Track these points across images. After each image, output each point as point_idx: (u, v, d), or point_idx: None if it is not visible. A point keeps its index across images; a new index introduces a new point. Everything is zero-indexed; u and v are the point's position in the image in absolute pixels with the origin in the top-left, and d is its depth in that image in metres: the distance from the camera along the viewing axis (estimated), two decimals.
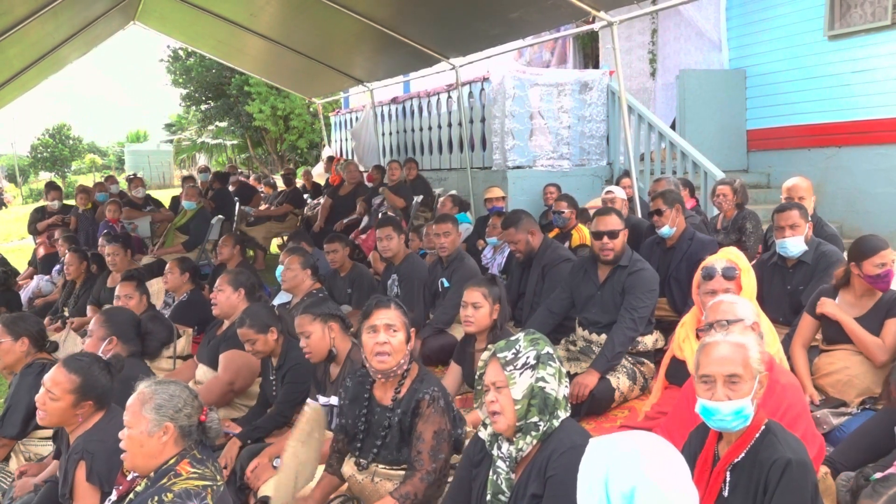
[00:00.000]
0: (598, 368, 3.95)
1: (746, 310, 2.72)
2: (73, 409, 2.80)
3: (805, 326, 3.68)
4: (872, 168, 8.00)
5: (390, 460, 2.74)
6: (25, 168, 44.06)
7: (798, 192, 4.92)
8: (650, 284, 4.14)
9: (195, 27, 9.90)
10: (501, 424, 2.21)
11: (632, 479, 1.66)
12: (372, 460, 2.75)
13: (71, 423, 2.84)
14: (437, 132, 9.98)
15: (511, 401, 2.19)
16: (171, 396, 2.36)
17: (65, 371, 2.82)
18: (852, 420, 3.31)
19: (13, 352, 3.80)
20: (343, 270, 5.66)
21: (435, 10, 7.11)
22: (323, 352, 3.35)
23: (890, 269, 3.42)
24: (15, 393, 3.73)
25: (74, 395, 2.79)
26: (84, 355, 3.01)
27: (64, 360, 2.90)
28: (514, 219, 5.00)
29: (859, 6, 8.01)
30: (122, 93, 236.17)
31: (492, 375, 2.24)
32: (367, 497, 2.75)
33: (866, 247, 3.46)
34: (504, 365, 2.21)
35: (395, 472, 2.71)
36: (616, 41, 6.06)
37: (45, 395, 2.81)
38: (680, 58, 10.01)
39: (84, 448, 2.70)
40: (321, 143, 17.14)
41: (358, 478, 2.76)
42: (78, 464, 2.67)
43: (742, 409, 2.12)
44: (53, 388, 2.79)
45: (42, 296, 7.89)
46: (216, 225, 8.50)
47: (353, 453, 2.83)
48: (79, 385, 2.80)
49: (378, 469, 2.74)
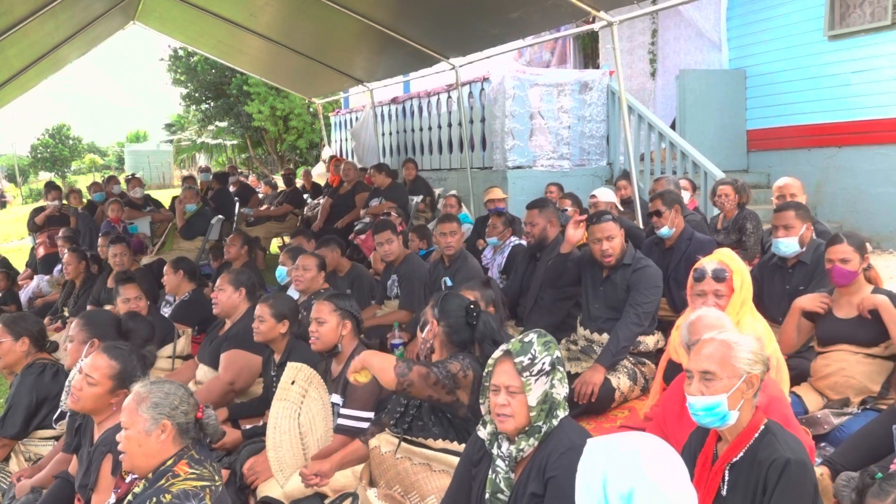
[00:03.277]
0: (603, 363, 3.95)
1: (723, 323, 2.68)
2: (109, 395, 2.81)
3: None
4: (872, 168, 8.00)
5: (418, 434, 2.78)
6: (25, 168, 44.05)
7: (789, 191, 4.95)
8: (654, 281, 4.15)
9: (195, 27, 9.90)
10: (509, 426, 2.21)
11: (630, 480, 1.66)
12: (405, 431, 2.80)
13: (103, 411, 2.84)
14: (437, 132, 9.98)
15: (525, 406, 2.18)
16: (166, 394, 2.37)
17: (106, 357, 2.84)
18: (853, 420, 3.31)
19: (14, 352, 3.80)
20: (341, 271, 5.66)
21: (435, 10, 7.11)
22: (329, 344, 3.41)
23: (836, 265, 3.44)
24: (16, 393, 3.73)
25: (113, 382, 2.81)
26: (122, 344, 3.03)
27: (104, 347, 2.93)
28: (541, 203, 5.00)
29: (859, 6, 8.01)
30: (121, 93, 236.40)
31: (505, 378, 2.20)
32: (383, 472, 2.79)
33: (828, 242, 3.55)
34: (521, 371, 2.19)
35: (418, 449, 2.75)
36: (616, 41, 6.06)
37: (82, 380, 2.81)
38: (680, 58, 10.01)
39: (112, 441, 2.68)
40: (321, 144, 17.14)
41: (382, 450, 2.80)
42: (105, 456, 2.68)
43: (714, 406, 2.13)
44: (93, 372, 2.80)
45: (42, 296, 7.89)
46: (216, 225, 8.51)
47: (391, 422, 2.88)
48: (118, 371, 2.82)
49: (403, 445, 2.78)
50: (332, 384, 3.41)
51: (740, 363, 2.16)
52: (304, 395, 2.97)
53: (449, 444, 2.74)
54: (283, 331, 3.73)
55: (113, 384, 2.81)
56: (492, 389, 2.25)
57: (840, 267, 3.44)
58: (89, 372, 2.81)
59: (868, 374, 3.43)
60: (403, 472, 2.73)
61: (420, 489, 2.70)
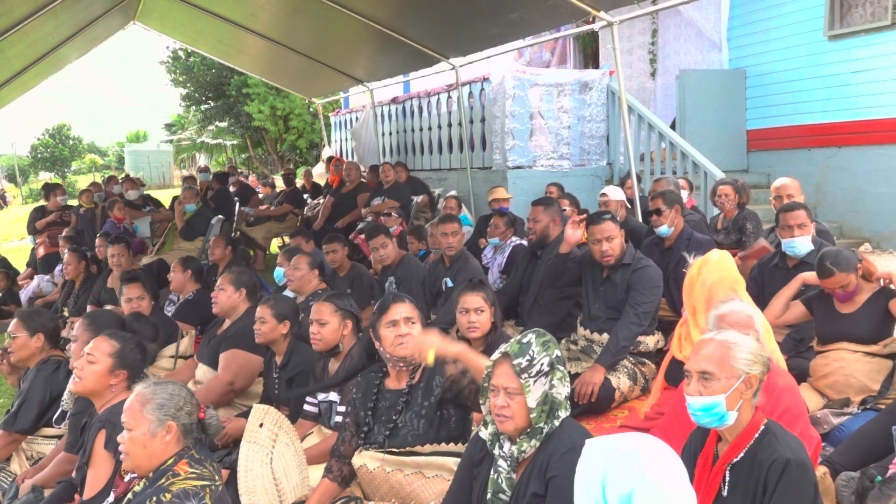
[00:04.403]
0: (603, 363, 3.95)
1: (755, 319, 2.71)
2: (109, 375, 2.92)
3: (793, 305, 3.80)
4: (872, 168, 8.00)
5: (401, 443, 2.73)
6: (25, 168, 44.05)
7: (787, 192, 4.93)
8: (654, 281, 4.14)
9: (195, 27, 9.90)
10: (509, 427, 2.21)
11: (630, 481, 1.66)
12: (381, 446, 2.76)
13: (104, 393, 2.93)
14: (437, 132, 9.97)
15: (524, 408, 2.19)
16: (171, 395, 2.37)
17: (105, 337, 3.00)
18: (852, 420, 3.31)
19: (28, 347, 3.84)
20: (342, 270, 5.66)
21: (435, 10, 7.11)
22: (331, 344, 3.42)
23: (838, 292, 3.52)
24: (30, 388, 3.74)
25: (112, 360, 2.93)
26: (124, 333, 3.16)
27: (105, 332, 3.07)
28: (547, 201, 5.03)
29: (859, 6, 8.01)
30: (121, 93, 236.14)
31: (504, 380, 2.21)
32: (376, 489, 2.76)
33: (822, 271, 3.50)
34: (519, 372, 2.18)
35: (408, 459, 2.71)
36: (616, 41, 6.06)
37: (83, 361, 2.93)
38: (680, 58, 10.01)
39: (107, 418, 2.78)
40: (321, 144, 17.14)
41: (370, 467, 2.75)
42: (99, 431, 2.76)
43: (712, 407, 2.13)
44: (94, 351, 2.94)
45: (42, 296, 7.89)
46: (216, 225, 8.51)
47: (361, 442, 2.83)
48: (118, 350, 2.95)
49: (388, 458, 2.73)
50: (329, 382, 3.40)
51: (739, 363, 2.16)
52: (275, 441, 2.90)
53: (438, 446, 2.71)
54: (285, 331, 3.74)
55: (112, 363, 2.93)
56: (491, 390, 2.25)
57: (841, 293, 3.51)
58: (90, 351, 2.93)
59: (867, 372, 3.43)
60: (397, 484, 2.70)
61: (417, 498, 2.68)
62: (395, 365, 2.82)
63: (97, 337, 3.01)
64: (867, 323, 3.46)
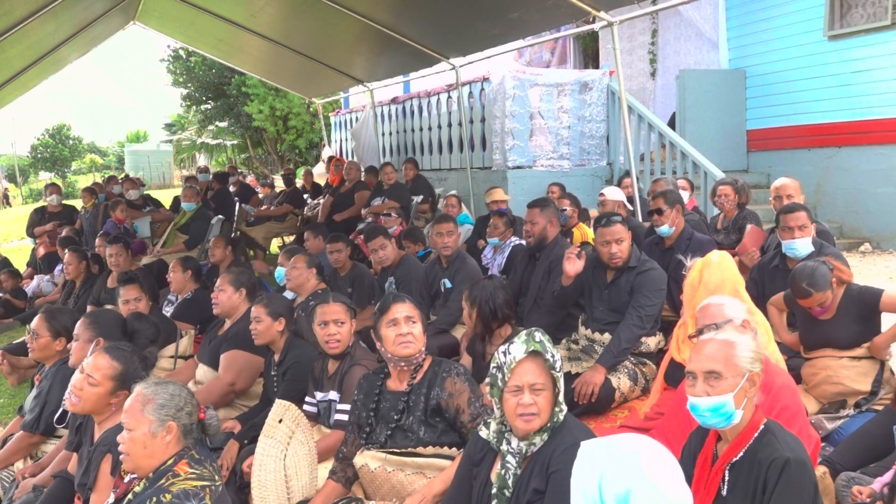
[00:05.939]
0: (603, 364, 3.95)
1: (734, 309, 2.71)
2: (109, 396, 2.82)
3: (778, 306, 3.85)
4: (872, 168, 8.01)
5: (403, 444, 2.75)
6: (25, 168, 44.04)
7: (787, 192, 4.91)
8: (658, 284, 4.13)
9: (195, 27, 9.90)
10: (536, 424, 2.22)
11: (627, 481, 1.66)
12: (382, 446, 2.78)
13: (103, 412, 2.84)
14: (437, 132, 9.98)
15: (550, 403, 2.22)
16: (171, 396, 2.37)
17: (108, 357, 2.84)
18: (850, 422, 3.31)
19: (49, 348, 3.86)
20: (343, 270, 5.66)
21: (435, 10, 7.11)
22: (347, 344, 3.39)
23: (817, 310, 3.48)
24: (49, 390, 3.72)
25: (114, 383, 2.81)
26: (124, 345, 3.02)
27: (105, 348, 2.92)
28: (543, 203, 4.98)
29: (859, 6, 8.02)
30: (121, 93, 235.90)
31: (532, 377, 2.20)
32: (377, 489, 2.78)
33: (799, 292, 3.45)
34: (549, 368, 2.22)
35: (409, 459, 2.73)
36: (616, 41, 6.06)
37: (83, 380, 2.80)
38: (680, 58, 10.02)
39: (113, 441, 2.68)
40: (321, 143, 17.14)
41: (371, 467, 2.77)
42: (105, 456, 2.68)
43: (721, 406, 2.12)
44: (94, 372, 2.80)
45: (43, 295, 7.89)
46: (216, 225, 8.51)
47: (363, 443, 2.86)
48: (120, 372, 2.82)
49: (389, 458, 2.76)
50: (328, 382, 3.41)
51: (742, 361, 2.16)
52: (291, 437, 2.91)
53: (440, 449, 2.73)
54: (281, 329, 3.73)
55: (114, 385, 2.82)
56: (512, 391, 2.21)
57: (820, 310, 3.48)
58: (91, 372, 2.81)
59: (854, 377, 3.43)
60: (398, 484, 2.72)
61: None
62: (396, 365, 2.84)
63: (98, 353, 2.88)
64: (844, 329, 3.44)
